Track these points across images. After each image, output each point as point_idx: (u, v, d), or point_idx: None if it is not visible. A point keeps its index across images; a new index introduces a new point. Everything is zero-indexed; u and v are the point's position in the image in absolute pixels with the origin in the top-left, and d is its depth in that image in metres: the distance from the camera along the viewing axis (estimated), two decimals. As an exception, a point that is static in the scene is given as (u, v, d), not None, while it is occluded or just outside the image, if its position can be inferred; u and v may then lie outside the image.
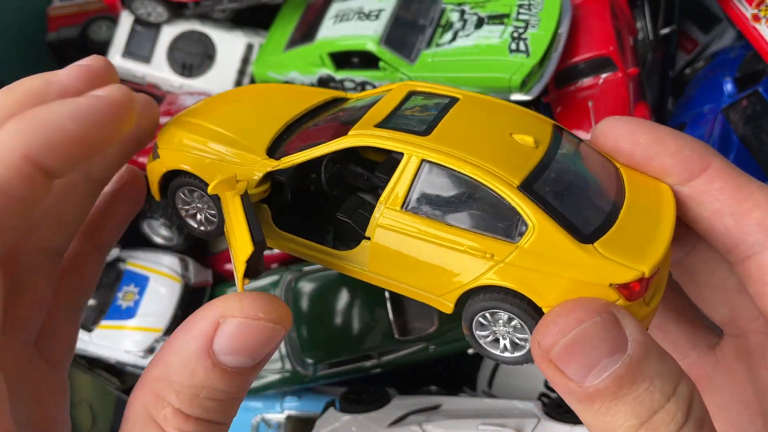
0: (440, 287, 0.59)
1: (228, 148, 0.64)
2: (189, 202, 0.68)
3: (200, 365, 0.50)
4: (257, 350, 0.51)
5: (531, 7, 1.12)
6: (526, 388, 1.16)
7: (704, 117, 1.15)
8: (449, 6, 1.17)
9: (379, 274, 0.61)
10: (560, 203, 0.55)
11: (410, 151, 0.57)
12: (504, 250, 0.55)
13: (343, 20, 1.20)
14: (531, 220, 0.54)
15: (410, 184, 0.57)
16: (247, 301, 0.51)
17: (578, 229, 0.54)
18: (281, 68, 1.26)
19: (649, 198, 0.59)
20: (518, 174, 0.55)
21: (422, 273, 0.59)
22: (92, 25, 1.47)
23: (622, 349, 0.48)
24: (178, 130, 0.67)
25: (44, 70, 0.62)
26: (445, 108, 0.62)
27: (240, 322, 0.50)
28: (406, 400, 1.08)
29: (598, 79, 1.14)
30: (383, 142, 0.58)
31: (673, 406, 0.48)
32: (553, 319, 0.50)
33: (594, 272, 0.52)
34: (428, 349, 1.11)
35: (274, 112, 0.69)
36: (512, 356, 0.59)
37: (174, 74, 1.35)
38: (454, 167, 0.56)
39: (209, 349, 0.50)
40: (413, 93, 0.66)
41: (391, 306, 1.10)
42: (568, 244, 0.53)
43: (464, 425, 0.96)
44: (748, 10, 1.13)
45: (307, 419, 1.15)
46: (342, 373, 1.13)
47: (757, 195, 0.57)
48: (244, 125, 0.67)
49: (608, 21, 1.14)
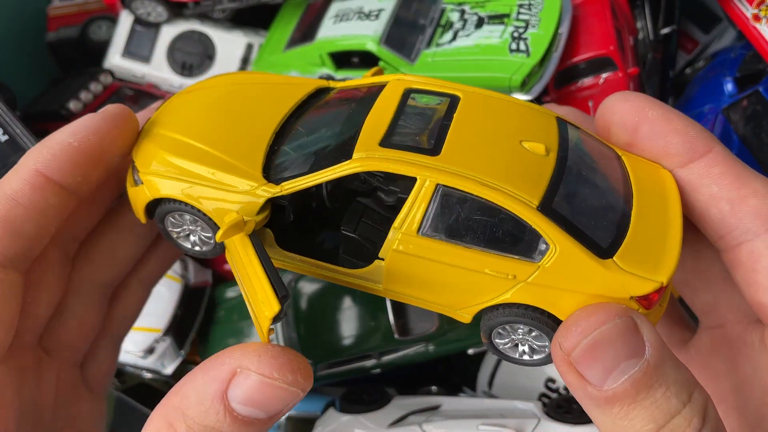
0: (459, 304, 0.58)
1: (218, 173, 0.59)
2: (180, 225, 0.64)
3: (213, 408, 0.50)
4: (270, 407, 0.51)
5: (531, 7, 1.11)
6: (526, 388, 1.15)
7: (704, 117, 1.14)
8: (449, 6, 1.17)
9: (395, 291, 0.60)
10: (578, 219, 0.54)
11: (424, 176, 0.54)
12: (525, 270, 0.54)
13: (343, 20, 1.20)
14: (552, 241, 0.53)
15: (426, 208, 0.55)
16: (266, 358, 0.51)
17: (597, 243, 0.54)
18: (281, 68, 1.26)
19: (655, 192, 0.58)
20: (536, 193, 0.54)
21: (441, 291, 0.58)
22: (92, 24, 1.47)
23: (641, 354, 0.49)
24: (156, 149, 0.62)
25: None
26: (448, 113, 0.59)
27: (256, 378, 0.50)
28: (406, 400, 1.08)
29: (598, 78, 1.14)
30: (394, 166, 0.55)
31: (689, 412, 0.48)
32: (574, 322, 0.51)
33: (615, 287, 0.52)
34: (428, 349, 1.11)
35: (255, 115, 0.64)
36: (531, 359, 0.59)
37: (174, 74, 1.35)
38: (471, 191, 0.54)
39: (224, 395, 0.51)
40: (410, 91, 0.63)
41: (391, 306, 1.10)
42: (589, 261, 0.53)
43: (464, 425, 0.96)
44: (748, 9, 1.13)
45: (307, 419, 1.15)
46: (342, 373, 1.13)
47: (755, 183, 0.58)
48: (228, 137, 0.62)
49: (608, 21, 1.14)
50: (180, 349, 1.19)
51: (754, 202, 0.57)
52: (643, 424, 0.48)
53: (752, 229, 0.57)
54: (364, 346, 1.11)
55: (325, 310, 1.13)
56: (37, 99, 1.29)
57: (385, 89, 0.64)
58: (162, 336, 1.19)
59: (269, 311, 0.52)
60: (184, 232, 0.65)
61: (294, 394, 0.52)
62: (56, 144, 0.59)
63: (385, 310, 1.10)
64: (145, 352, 1.19)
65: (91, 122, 0.61)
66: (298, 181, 0.58)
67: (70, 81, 1.29)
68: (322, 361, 1.13)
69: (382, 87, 0.64)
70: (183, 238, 0.65)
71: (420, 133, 0.58)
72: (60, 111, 1.20)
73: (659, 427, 0.48)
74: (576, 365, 0.50)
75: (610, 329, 0.49)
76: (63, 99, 1.22)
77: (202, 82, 0.72)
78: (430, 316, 1.11)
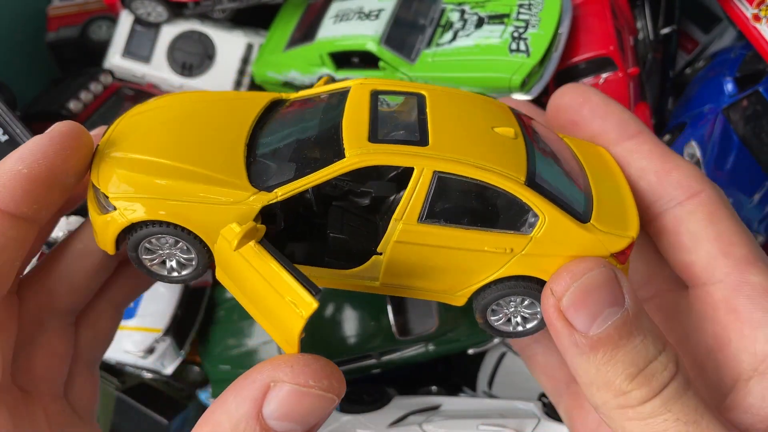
0: (457, 286, 0.62)
1: (203, 186, 0.57)
2: (155, 251, 0.61)
3: (249, 428, 0.50)
4: (307, 418, 0.51)
5: (531, 7, 1.11)
6: (526, 389, 1.15)
7: (704, 117, 1.14)
8: (449, 6, 1.17)
9: (392, 285, 0.62)
10: (557, 191, 0.60)
11: (422, 164, 0.57)
12: (520, 243, 0.59)
13: (343, 20, 1.20)
14: (541, 212, 0.58)
15: (425, 196, 0.58)
16: (299, 367, 0.51)
17: (576, 210, 0.60)
18: (281, 68, 1.26)
19: (599, 164, 0.66)
20: (521, 170, 0.59)
21: (440, 276, 0.61)
22: (92, 24, 1.47)
23: (621, 302, 0.54)
24: (124, 171, 0.58)
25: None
26: (421, 108, 0.62)
27: (290, 389, 0.50)
28: (406, 400, 1.08)
29: (598, 78, 1.14)
30: (391, 158, 0.57)
31: (665, 358, 0.54)
32: (565, 269, 0.56)
33: (597, 246, 0.59)
34: (428, 349, 1.11)
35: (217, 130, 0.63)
36: (525, 329, 0.64)
37: (174, 74, 1.35)
38: (466, 175, 0.57)
39: (259, 413, 0.50)
40: (377, 92, 0.64)
41: (391, 306, 1.10)
42: (574, 226, 0.58)
43: (464, 425, 0.96)
44: (748, 9, 1.13)
45: (307, 419, 1.15)
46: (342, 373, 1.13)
47: (676, 160, 0.65)
48: (199, 152, 0.59)
49: (608, 21, 1.14)
50: (180, 349, 1.19)
51: (677, 175, 0.64)
52: (625, 367, 0.53)
53: (675, 197, 0.64)
54: (364, 346, 1.11)
55: (325, 310, 1.13)
56: (37, 99, 1.29)
57: (350, 93, 0.64)
58: (162, 336, 1.19)
59: (306, 309, 0.51)
60: (160, 258, 0.61)
61: (330, 401, 0.52)
62: (4, 174, 0.56)
63: (385, 311, 1.10)
64: (145, 352, 1.19)
65: (38, 145, 0.57)
66: (292, 185, 0.57)
67: (70, 81, 1.29)
68: (322, 361, 1.13)
69: (344, 93, 0.65)
70: (158, 265, 0.62)
71: (402, 128, 0.60)
72: (60, 111, 1.20)
73: (640, 370, 0.53)
74: (565, 312, 0.54)
75: (596, 276, 0.55)
76: (63, 99, 1.22)
77: (149, 102, 0.68)
78: (430, 316, 1.11)
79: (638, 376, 0.53)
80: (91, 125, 1.22)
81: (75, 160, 0.58)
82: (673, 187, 0.64)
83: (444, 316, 1.09)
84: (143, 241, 0.60)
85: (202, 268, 0.61)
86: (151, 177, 0.57)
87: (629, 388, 0.53)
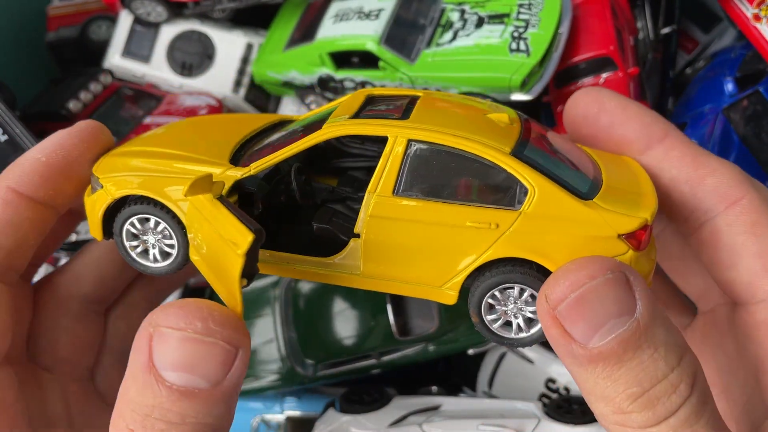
0: (443, 274, 0.56)
1: (187, 164, 0.58)
2: (138, 236, 0.61)
3: (146, 382, 0.47)
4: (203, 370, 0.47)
5: (531, 7, 1.11)
6: (526, 388, 1.15)
7: (705, 117, 1.14)
8: (449, 5, 1.17)
9: (374, 275, 0.58)
10: (553, 167, 0.54)
11: (395, 132, 0.55)
12: (507, 219, 0.53)
13: (343, 20, 1.20)
14: (529, 182, 0.53)
15: (399, 167, 0.55)
16: (172, 309, 0.48)
17: (575, 188, 0.54)
18: (281, 68, 1.26)
19: (622, 168, 0.60)
20: (507, 143, 0.54)
21: (422, 262, 0.56)
22: (92, 24, 1.47)
23: (631, 311, 0.46)
24: (119, 158, 0.62)
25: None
26: (412, 101, 0.60)
27: (167, 333, 0.47)
28: (406, 401, 1.08)
29: (598, 78, 1.14)
30: (364, 128, 0.55)
31: (676, 377, 0.46)
32: (563, 274, 0.48)
33: (600, 225, 0.51)
34: (428, 349, 1.11)
35: (221, 134, 0.65)
36: (528, 335, 0.56)
37: (173, 74, 1.34)
38: (444, 142, 0.54)
39: (151, 365, 0.47)
40: (372, 98, 0.64)
41: (391, 306, 1.10)
42: (570, 200, 0.52)
43: (464, 425, 0.96)
44: (748, 9, 1.12)
45: (307, 420, 1.15)
46: (342, 373, 1.13)
47: (712, 163, 0.58)
48: (195, 145, 0.62)
49: (609, 21, 1.14)
50: (180, 349, 1.19)
51: (712, 181, 0.57)
52: (627, 386, 0.46)
53: (712, 207, 0.57)
54: (364, 346, 1.11)
55: (324, 310, 1.13)
56: (37, 99, 1.29)
57: (346, 98, 0.64)
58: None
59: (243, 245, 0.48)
60: (143, 245, 0.62)
61: (223, 349, 0.47)
62: (26, 161, 0.62)
63: (385, 310, 1.10)
64: (144, 352, 1.19)
65: (58, 138, 0.63)
66: (266, 159, 0.57)
67: (69, 81, 1.28)
68: (322, 361, 1.13)
69: None
70: (141, 254, 0.62)
71: (386, 111, 0.59)
72: (60, 111, 1.20)
73: (644, 391, 0.46)
74: (561, 320, 0.47)
75: (600, 284, 0.47)
76: (63, 99, 1.21)
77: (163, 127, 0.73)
78: (430, 316, 1.11)
79: (641, 398, 0.46)
80: (91, 125, 1.22)
81: (91, 153, 0.64)
82: (710, 197, 0.57)
83: (444, 316, 1.09)
84: (126, 223, 0.60)
85: (182, 258, 0.61)
86: (136, 159, 0.61)
87: (630, 408, 0.46)
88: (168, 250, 0.61)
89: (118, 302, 0.77)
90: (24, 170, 0.62)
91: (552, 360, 1.14)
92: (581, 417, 0.94)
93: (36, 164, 0.62)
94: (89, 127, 0.65)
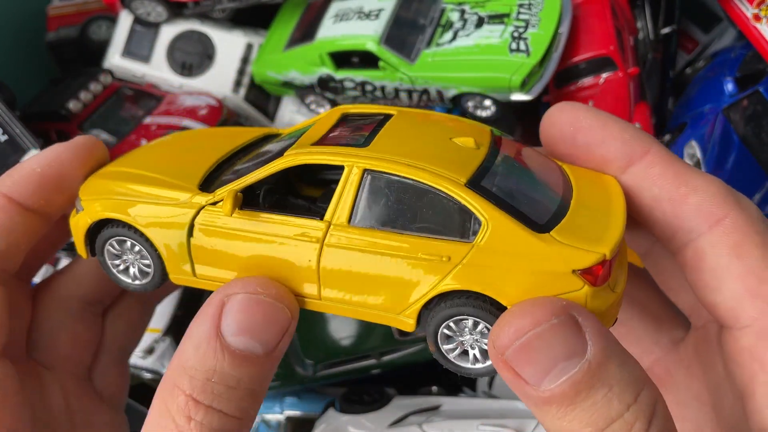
0: (399, 303, 0.56)
1: (155, 189, 0.61)
2: (119, 255, 0.64)
3: (210, 347, 0.51)
4: (262, 331, 0.52)
5: (531, 7, 1.11)
6: (527, 389, 1.15)
7: (705, 117, 1.14)
8: (449, 5, 1.17)
9: (333, 301, 0.58)
10: (510, 198, 0.53)
11: (351, 162, 0.55)
12: (460, 251, 0.53)
13: (343, 20, 1.20)
14: (483, 215, 0.52)
15: (354, 197, 0.55)
16: (249, 279, 0.54)
17: (532, 219, 0.52)
18: (281, 68, 1.26)
19: (596, 190, 0.58)
20: (464, 172, 0.54)
21: (378, 290, 0.56)
22: (92, 24, 1.47)
23: (581, 353, 0.46)
24: (100, 180, 0.65)
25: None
26: (381, 123, 0.61)
27: (241, 297, 0.52)
28: (406, 401, 1.08)
29: (598, 78, 1.14)
30: (321, 157, 0.56)
31: (631, 415, 0.46)
32: (509, 320, 0.48)
33: (554, 260, 0.51)
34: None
35: (202, 152, 0.67)
36: (483, 366, 0.56)
37: (173, 74, 1.34)
38: (397, 173, 0.54)
39: (218, 330, 0.52)
40: (346, 116, 0.65)
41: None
42: (524, 234, 0.51)
43: (464, 426, 0.96)
44: (748, 9, 1.12)
45: (307, 420, 1.15)
46: (342, 373, 1.13)
47: (694, 180, 0.56)
48: (172, 166, 0.65)
49: (609, 21, 1.14)
50: (180, 349, 1.19)
51: (695, 200, 0.55)
52: (581, 427, 0.46)
53: (695, 227, 0.55)
54: (364, 346, 1.11)
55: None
56: (37, 99, 1.29)
57: (322, 117, 0.65)
58: (162, 336, 1.19)
59: None
60: (124, 263, 0.65)
61: (281, 311, 0.53)
62: (22, 170, 0.66)
63: (385, 310, 1.10)
64: (144, 352, 1.19)
65: (55, 151, 0.66)
66: (230, 185, 0.59)
67: (69, 81, 1.28)
68: (322, 361, 1.13)
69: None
70: (123, 272, 0.65)
71: (352, 137, 0.59)
72: (60, 111, 1.20)
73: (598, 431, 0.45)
74: (511, 364, 0.47)
75: (546, 330, 0.47)
76: (63, 99, 1.21)
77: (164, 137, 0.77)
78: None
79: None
80: (91, 125, 1.22)
81: (85, 168, 0.67)
82: (692, 216, 0.55)
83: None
84: (106, 243, 0.64)
85: (158, 277, 0.63)
86: (114, 181, 0.64)
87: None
88: (145, 270, 0.64)
89: (115, 304, 0.80)
90: (19, 179, 0.65)
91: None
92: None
93: (31, 174, 0.65)
94: (86, 142, 0.68)
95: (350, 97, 1.25)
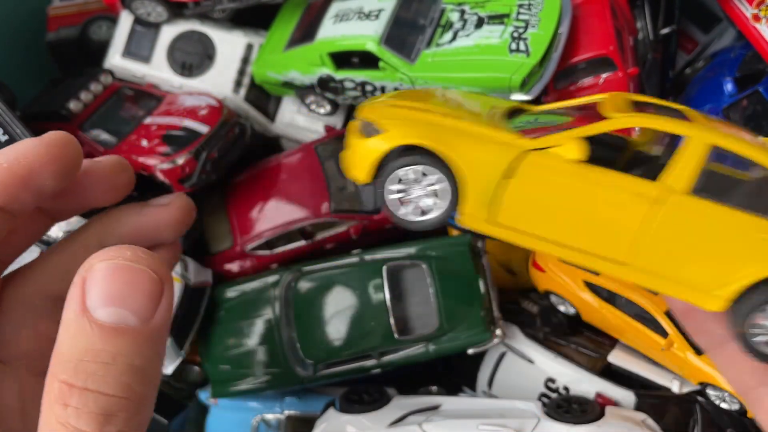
0: (718, 280, 0.55)
1: (477, 126, 0.58)
2: (402, 189, 0.62)
3: (79, 325, 0.48)
4: (128, 297, 0.48)
5: (531, 7, 1.11)
6: (526, 388, 1.15)
7: (704, 117, 1.15)
8: (449, 6, 1.17)
9: (639, 269, 0.57)
10: None
11: (697, 135, 0.55)
12: None
13: (343, 20, 1.20)
14: None
15: (698, 168, 0.55)
16: (108, 249, 0.50)
17: None
18: (281, 68, 1.26)
19: None
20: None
21: (699, 264, 0.55)
22: (92, 25, 1.47)
23: None
24: (398, 107, 0.62)
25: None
26: (678, 113, 0.61)
27: (99, 266, 0.48)
28: (406, 400, 1.08)
29: (598, 79, 1.14)
30: (663, 124, 0.56)
31: None
32: None
33: None
34: (428, 349, 1.11)
35: (480, 108, 0.66)
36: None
37: (174, 74, 1.35)
38: (747, 155, 0.55)
39: (83, 306, 0.48)
40: (633, 103, 0.64)
41: (391, 306, 1.10)
42: None
43: (464, 425, 0.96)
44: (748, 9, 1.13)
45: (307, 419, 1.15)
46: (342, 373, 1.13)
47: None
48: (467, 112, 0.63)
49: (608, 21, 1.14)
50: (180, 350, 1.19)
51: None
52: None
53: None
54: (364, 346, 1.11)
55: (324, 310, 1.13)
56: (37, 99, 1.29)
57: (605, 100, 0.65)
58: (162, 336, 1.19)
59: None
60: (403, 196, 0.62)
61: (145, 273, 0.49)
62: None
63: (385, 310, 1.10)
64: (145, 352, 1.19)
65: (24, 146, 0.62)
66: (567, 132, 0.57)
67: (70, 81, 1.28)
68: (322, 361, 1.13)
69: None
70: (401, 205, 0.62)
71: (668, 113, 0.60)
72: (60, 111, 1.20)
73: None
74: None
75: None
76: (63, 99, 1.22)
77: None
78: (431, 316, 1.11)
79: None
80: (91, 125, 1.22)
81: (56, 166, 0.62)
82: None
83: (444, 316, 1.09)
84: (397, 171, 0.60)
85: (443, 215, 0.61)
86: (416, 113, 0.61)
87: None
88: (426, 209, 0.61)
89: None
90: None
91: (552, 360, 1.14)
92: (581, 417, 0.94)
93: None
94: (58, 139, 0.64)
95: (350, 98, 1.25)
